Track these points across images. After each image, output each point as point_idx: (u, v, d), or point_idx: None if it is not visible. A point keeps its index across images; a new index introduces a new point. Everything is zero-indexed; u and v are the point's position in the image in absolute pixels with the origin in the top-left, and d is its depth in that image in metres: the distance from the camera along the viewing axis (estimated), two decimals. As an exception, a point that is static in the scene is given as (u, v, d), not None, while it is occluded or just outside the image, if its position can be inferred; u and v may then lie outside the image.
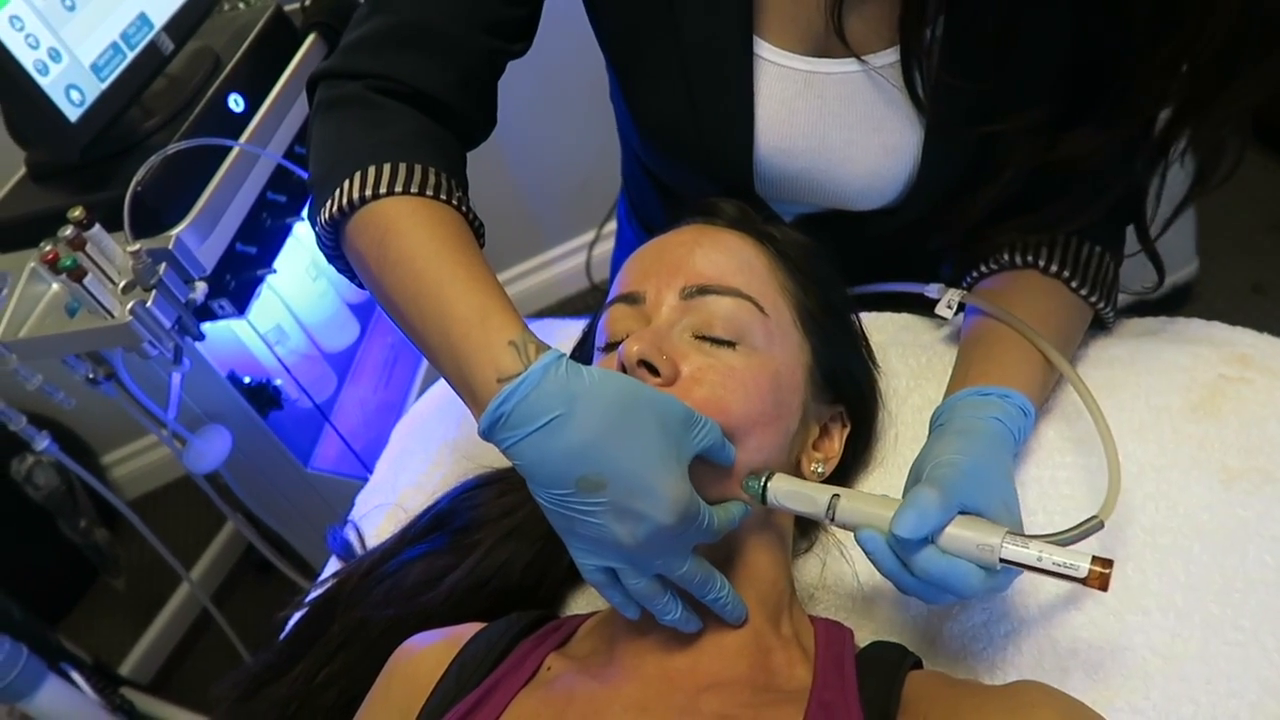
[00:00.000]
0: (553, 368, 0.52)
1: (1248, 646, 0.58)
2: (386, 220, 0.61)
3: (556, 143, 2.07)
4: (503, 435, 0.52)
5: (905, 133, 0.70)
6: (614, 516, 0.51)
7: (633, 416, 0.51)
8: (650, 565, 0.54)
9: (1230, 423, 0.67)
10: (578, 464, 0.50)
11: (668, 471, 0.51)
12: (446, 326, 0.57)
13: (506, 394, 0.51)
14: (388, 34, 0.68)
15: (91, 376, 1.17)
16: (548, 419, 0.51)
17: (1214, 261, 1.95)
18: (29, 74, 1.03)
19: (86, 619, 2.09)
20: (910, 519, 0.52)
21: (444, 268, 0.59)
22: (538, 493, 0.53)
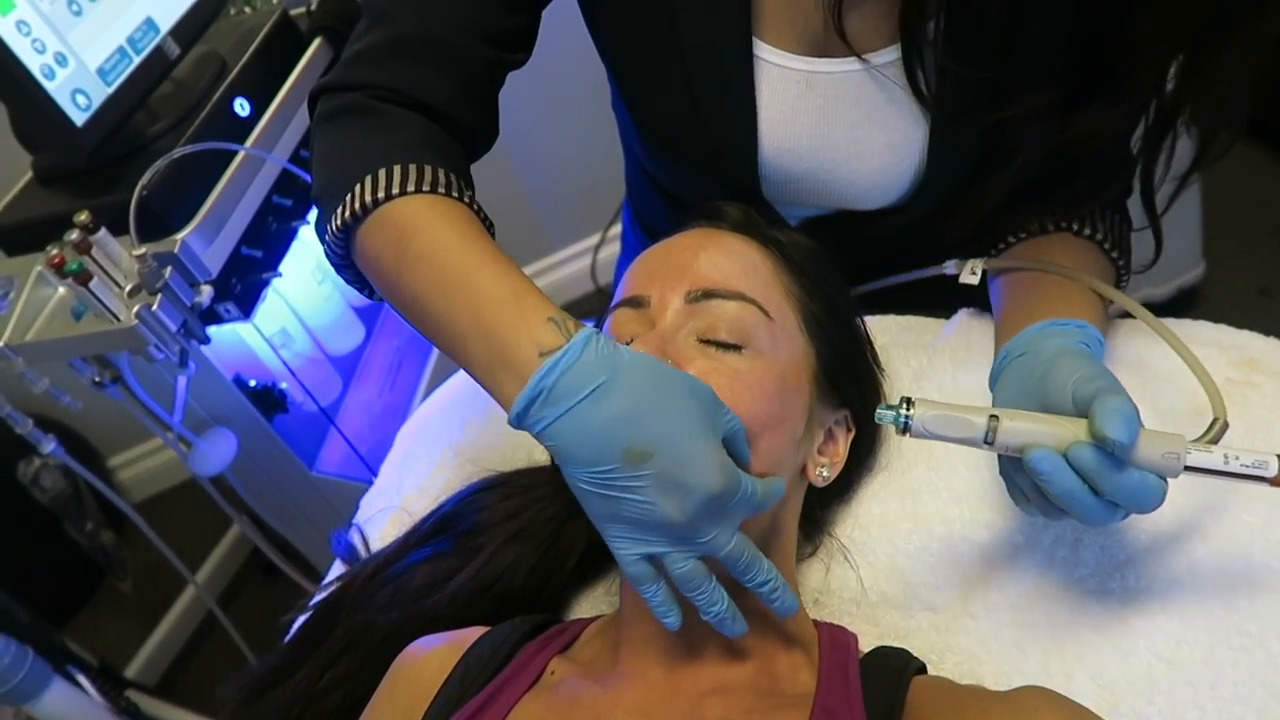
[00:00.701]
0: (594, 339, 0.52)
1: (1253, 651, 0.58)
2: (404, 219, 0.61)
3: (561, 146, 2.07)
4: (541, 414, 0.51)
5: (909, 130, 0.70)
6: (660, 489, 0.50)
7: (672, 388, 0.52)
8: (697, 541, 0.52)
9: (1237, 426, 0.67)
10: (624, 433, 0.50)
11: (709, 441, 0.51)
12: (479, 311, 0.56)
13: (550, 365, 0.51)
14: (388, 46, 0.68)
15: (98, 380, 1.18)
16: (592, 388, 0.50)
17: (1221, 265, 1.94)
18: (35, 78, 1.03)
19: (93, 621, 2.10)
20: (1120, 424, 0.48)
21: (469, 257, 0.58)
22: (577, 477, 0.51)
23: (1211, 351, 0.72)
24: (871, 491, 0.73)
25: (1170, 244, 0.73)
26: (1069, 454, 0.51)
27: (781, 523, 0.64)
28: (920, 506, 0.70)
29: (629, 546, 0.53)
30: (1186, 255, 1.85)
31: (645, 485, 0.50)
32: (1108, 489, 0.50)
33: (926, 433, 0.54)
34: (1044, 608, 0.63)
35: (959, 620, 0.65)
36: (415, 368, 1.70)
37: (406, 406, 1.63)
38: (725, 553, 0.53)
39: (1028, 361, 0.60)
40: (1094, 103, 0.63)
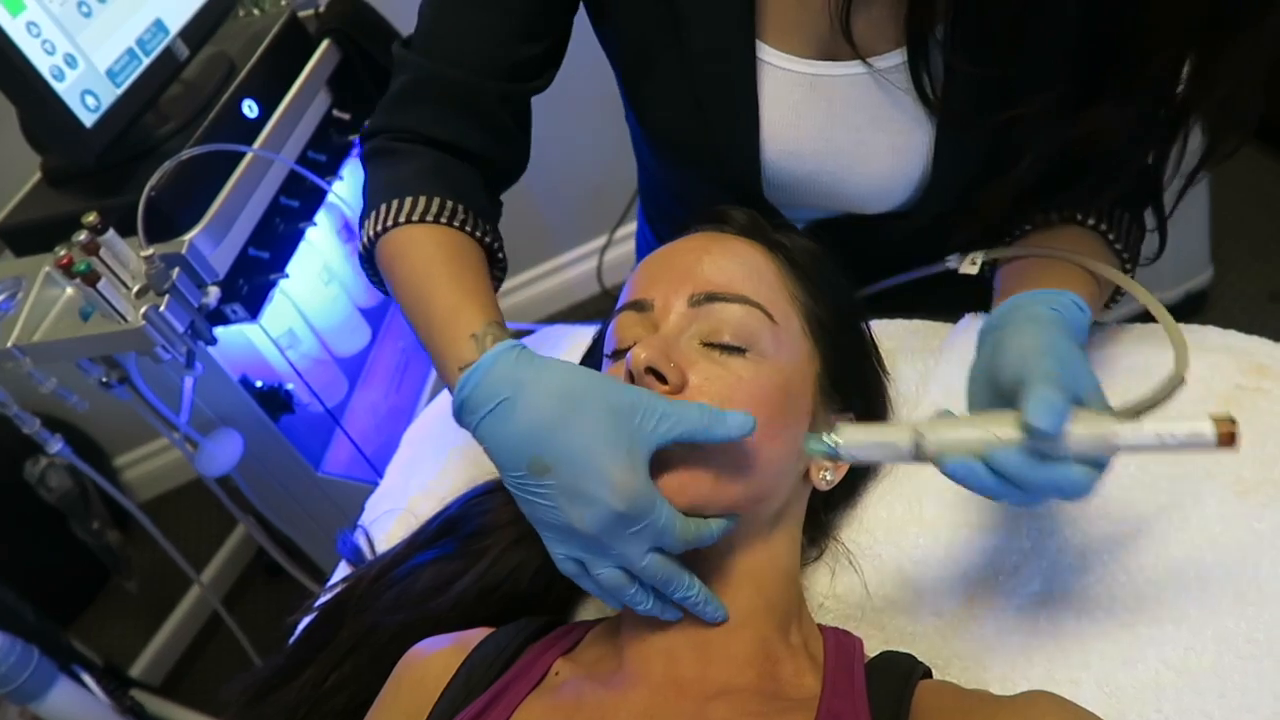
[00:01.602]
0: (503, 356, 0.56)
1: (1262, 660, 0.58)
2: (395, 248, 0.70)
3: (568, 149, 2.07)
4: (466, 421, 0.57)
5: (914, 133, 0.70)
6: (565, 499, 0.53)
7: (579, 402, 0.54)
8: (610, 555, 0.55)
9: (1245, 434, 0.65)
10: (526, 446, 0.54)
11: (614, 457, 0.52)
12: (429, 329, 0.65)
13: (464, 379, 0.56)
14: (407, 90, 0.75)
15: (105, 380, 1.18)
16: (496, 402, 0.55)
17: (1230, 270, 1.93)
18: (45, 79, 1.04)
19: (98, 620, 2.10)
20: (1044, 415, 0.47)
21: (430, 278, 0.67)
22: (504, 477, 0.56)
23: (1220, 357, 0.71)
24: (877, 495, 0.73)
25: (1179, 248, 0.73)
26: (990, 459, 0.50)
27: (787, 526, 0.64)
28: (925, 511, 0.70)
29: (556, 547, 0.57)
30: (1195, 259, 1.84)
31: (551, 493, 0.54)
32: (1030, 485, 0.49)
33: (855, 457, 0.54)
34: (1050, 614, 0.63)
35: (965, 626, 0.65)
36: (421, 369, 1.71)
37: (412, 408, 1.64)
38: (639, 569, 0.55)
39: (993, 336, 0.59)
40: (1102, 101, 0.63)
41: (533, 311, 2.42)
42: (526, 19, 0.73)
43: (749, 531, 0.61)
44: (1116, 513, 0.66)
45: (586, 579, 0.57)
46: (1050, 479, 0.49)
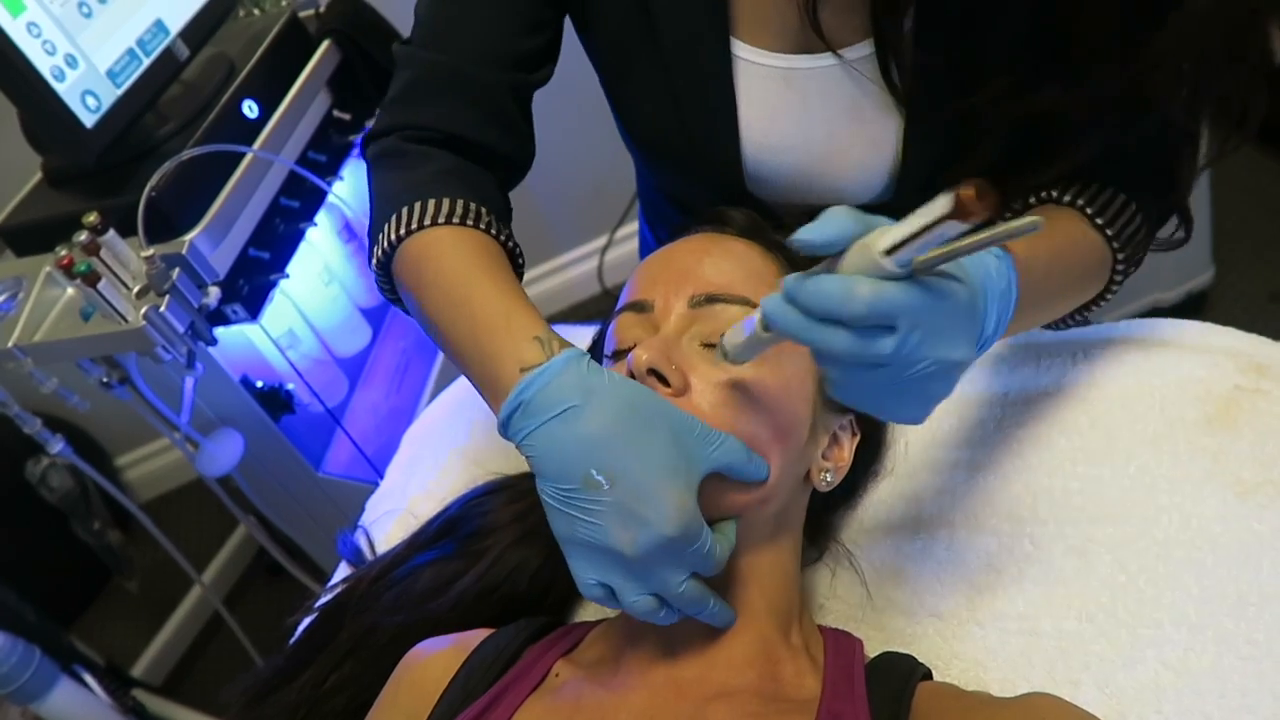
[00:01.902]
0: (574, 361, 0.54)
1: (1261, 661, 0.58)
2: (420, 250, 0.67)
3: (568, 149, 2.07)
4: (520, 425, 0.53)
5: (886, 123, 0.70)
6: (617, 519, 0.51)
7: (646, 420, 0.52)
8: (648, 580, 0.53)
9: (1245, 435, 0.67)
10: (587, 456, 0.51)
11: (674, 482, 0.51)
12: (475, 331, 0.61)
13: (528, 381, 0.53)
14: (413, 86, 0.73)
15: (105, 380, 1.18)
16: (564, 408, 0.52)
17: (1231, 270, 1.93)
18: (45, 80, 1.04)
19: (100, 620, 2.10)
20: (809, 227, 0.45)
21: (471, 280, 0.63)
22: (545, 488, 0.53)
23: (1219, 357, 0.71)
24: (877, 496, 0.73)
25: (1180, 249, 0.72)
26: (785, 288, 0.46)
27: (787, 527, 0.64)
28: (926, 512, 0.70)
29: (587, 572, 0.54)
30: (1196, 260, 1.84)
31: (604, 510, 0.51)
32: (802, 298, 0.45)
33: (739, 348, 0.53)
34: (1051, 615, 0.63)
35: (965, 627, 0.65)
36: (422, 369, 1.71)
37: (413, 408, 1.63)
38: (673, 595, 0.54)
39: None
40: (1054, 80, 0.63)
41: (533, 311, 2.41)
42: (529, 10, 0.73)
43: (750, 533, 0.61)
44: (1117, 514, 0.66)
45: (612, 602, 0.55)
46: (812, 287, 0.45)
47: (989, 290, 0.52)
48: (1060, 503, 0.67)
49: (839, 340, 0.45)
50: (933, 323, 0.44)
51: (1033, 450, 0.71)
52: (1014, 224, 0.42)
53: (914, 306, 0.44)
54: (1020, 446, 0.71)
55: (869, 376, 0.47)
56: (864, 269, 0.43)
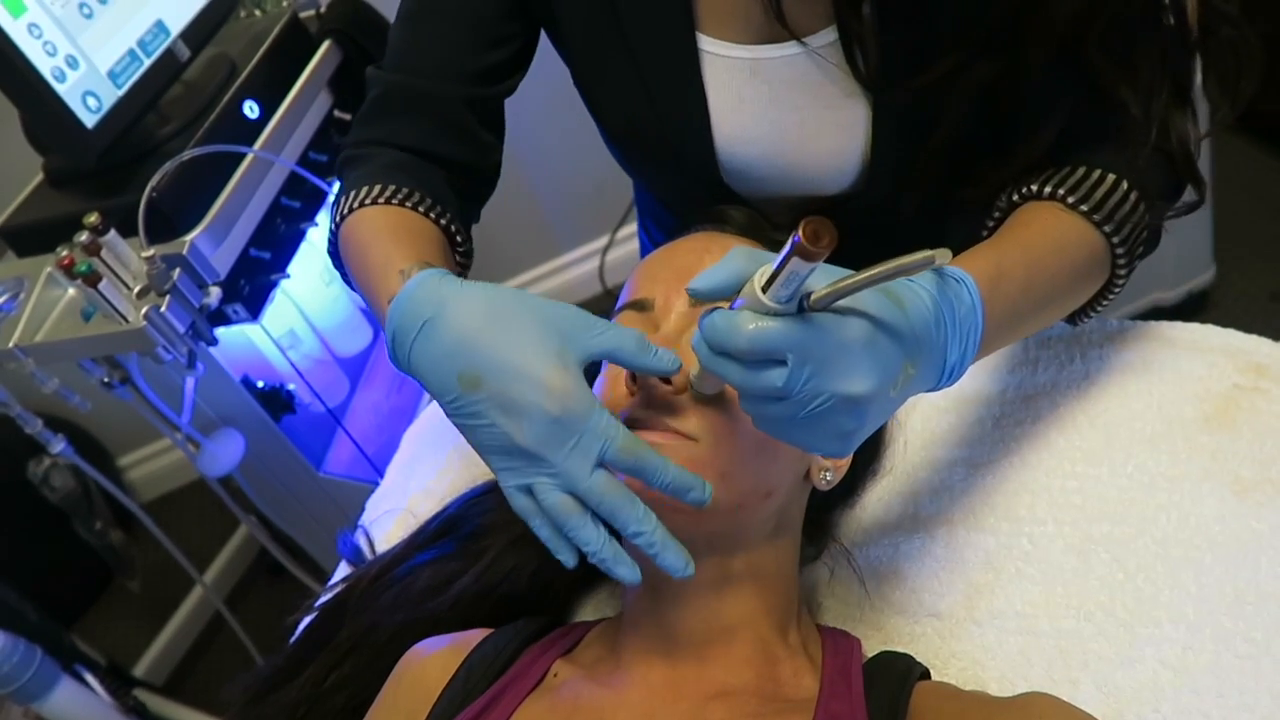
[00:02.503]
0: (425, 280, 0.55)
1: (1259, 659, 0.58)
2: (349, 228, 0.72)
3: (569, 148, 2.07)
4: (399, 354, 0.55)
5: (854, 108, 0.70)
6: (499, 412, 0.51)
7: (503, 314, 0.53)
8: (558, 475, 0.51)
9: (1244, 433, 0.67)
10: (452, 361, 0.52)
11: (543, 360, 0.51)
12: (370, 284, 0.66)
13: (390, 310, 0.56)
14: (374, 104, 0.77)
15: (107, 380, 1.18)
16: (420, 323, 0.54)
17: (1232, 269, 1.93)
18: (46, 81, 1.04)
19: (102, 620, 2.11)
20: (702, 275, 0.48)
21: (374, 244, 0.68)
22: (440, 405, 0.54)
23: (1218, 357, 0.71)
24: (876, 495, 0.73)
25: (1181, 248, 0.72)
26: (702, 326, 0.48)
27: (786, 526, 0.64)
28: (924, 511, 0.70)
29: (506, 478, 0.53)
30: (1197, 259, 1.83)
31: (485, 408, 0.51)
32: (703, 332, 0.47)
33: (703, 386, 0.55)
34: (1049, 614, 0.63)
35: (963, 626, 0.65)
36: (423, 369, 1.70)
37: (414, 408, 1.64)
38: (584, 488, 0.51)
39: None
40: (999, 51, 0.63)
41: (535, 311, 2.41)
42: (489, 26, 0.75)
43: (748, 532, 0.61)
44: (1115, 513, 0.66)
45: (537, 518, 0.53)
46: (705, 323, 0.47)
47: (943, 317, 0.51)
48: (1059, 501, 0.67)
49: (732, 372, 0.47)
50: (824, 357, 0.45)
51: (1031, 449, 0.71)
52: (906, 260, 0.43)
53: (800, 341, 0.45)
54: (1018, 445, 0.71)
55: (774, 410, 0.47)
56: (753, 306, 0.45)
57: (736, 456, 0.57)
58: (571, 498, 0.52)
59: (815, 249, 0.40)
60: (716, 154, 0.74)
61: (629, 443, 0.51)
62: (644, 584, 0.62)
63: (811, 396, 0.46)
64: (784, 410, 0.47)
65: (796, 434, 0.48)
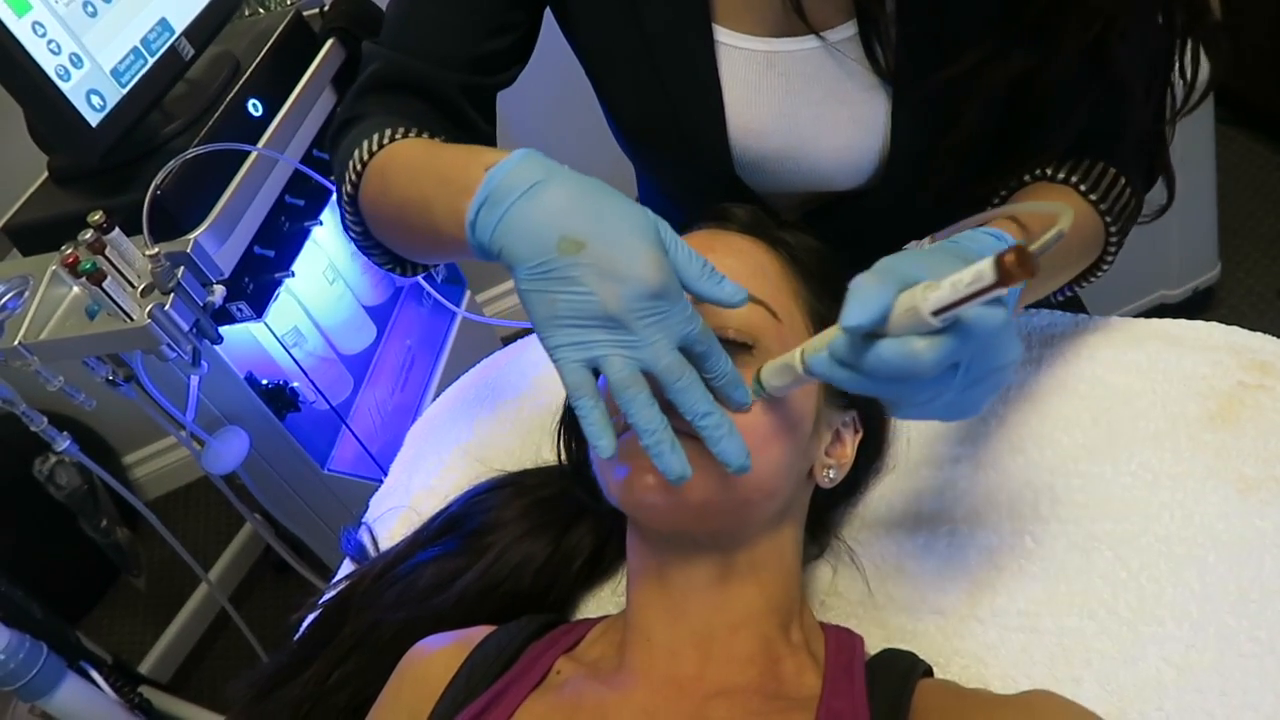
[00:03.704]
0: (533, 153, 0.55)
1: (1264, 658, 0.57)
2: (380, 162, 0.69)
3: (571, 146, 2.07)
4: (488, 218, 0.53)
5: (872, 103, 0.70)
6: (596, 276, 0.50)
7: (608, 194, 0.53)
8: (637, 346, 0.51)
9: (1248, 431, 0.66)
10: (558, 223, 0.51)
11: (646, 240, 0.51)
12: (442, 174, 0.61)
13: (490, 174, 0.54)
14: (371, 81, 0.76)
15: (111, 378, 1.19)
16: (528, 185, 0.52)
17: (1238, 267, 1.92)
18: (51, 79, 1.04)
19: (108, 617, 2.12)
20: (853, 309, 0.47)
21: (433, 150, 0.66)
22: (520, 277, 0.52)
23: (1223, 355, 0.71)
24: (879, 493, 0.73)
25: (1186, 245, 0.73)
26: (830, 349, 0.49)
27: (788, 523, 0.64)
28: (927, 508, 0.70)
29: (570, 353, 0.52)
30: (1202, 257, 1.83)
31: (581, 274, 0.50)
32: (865, 367, 0.48)
33: (777, 388, 0.55)
34: (1052, 612, 0.63)
35: (966, 624, 0.65)
36: (426, 367, 1.71)
37: (418, 405, 1.64)
38: (664, 364, 0.51)
39: None
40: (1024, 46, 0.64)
41: (538, 309, 2.41)
42: (491, 14, 0.74)
43: (752, 529, 0.61)
44: (1118, 511, 0.66)
45: (591, 399, 0.52)
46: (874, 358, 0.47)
47: None
48: (1062, 499, 0.67)
49: (906, 392, 0.48)
50: (986, 346, 0.46)
51: (1034, 447, 0.71)
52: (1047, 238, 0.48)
53: (970, 345, 0.46)
54: (1022, 443, 0.71)
55: (934, 405, 0.49)
56: (912, 329, 0.46)
57: None
58: (640, 375, 0.51)
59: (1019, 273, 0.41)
60: (730, 147, 0.74)
61: (706, 331, 0.53)
62: (647, 581, 0.62)
63: (976, 381, 0.47)
64: (944, 400, 0.48)
65: (950, 412, 0.50)
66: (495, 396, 0.93)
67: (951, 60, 0.64)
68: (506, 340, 1.07)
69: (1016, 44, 0.64)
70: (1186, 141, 1.57)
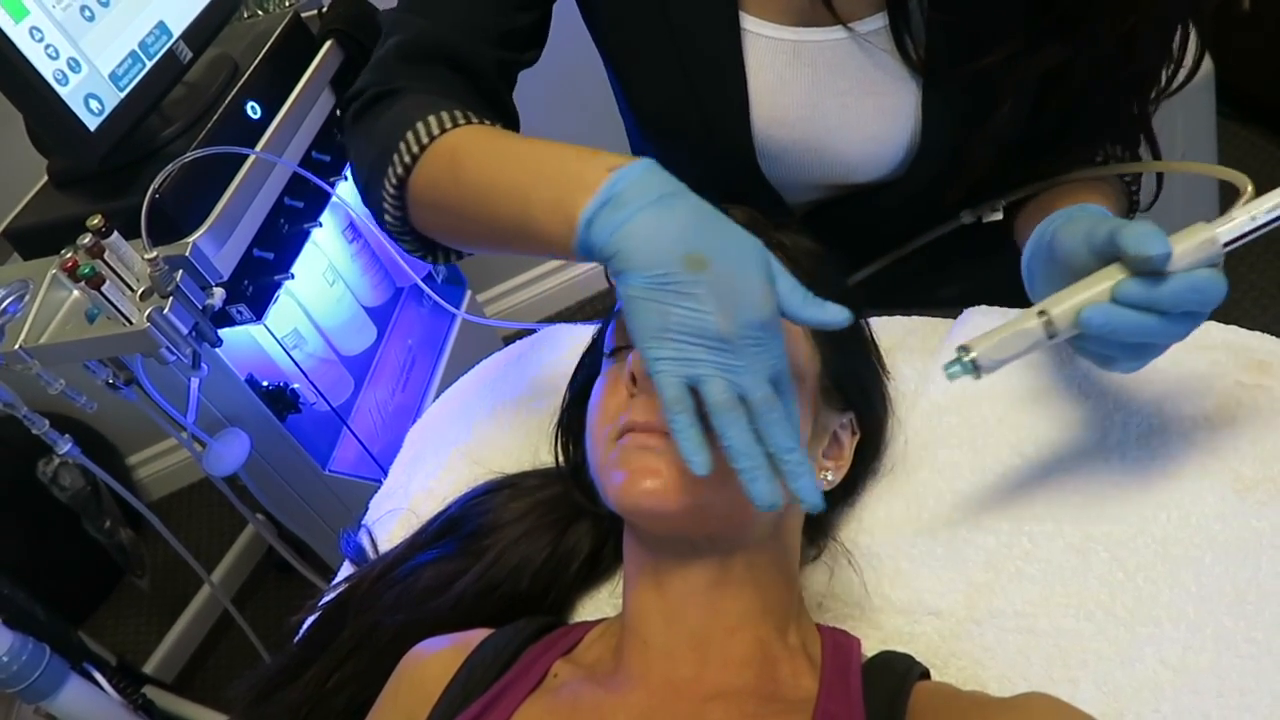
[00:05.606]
0: (657, 164, 0.54)
1: (1260, 659, 0.57)
2: (449, 145, 0.65)
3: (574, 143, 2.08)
4: (609, 219, 0.52)
5: (900, 95, 0.70)
6: (714, 297, 0.50)
7: (726, 219, 0.53)
8: (736, 371, 0.51)
9: (1245, 431, 0.66)
10: (686, 238, 0.51)
11: (762, 268, 0.52)
12: (543, 166, 0.59)
13: (621, 174, 0.53)
14: (400, 51, 0.72)
15: (112, 381, 1.19)
16: (660, 195, 0.52)
17: (1241, 261, 1.92)
18: (49, 84, 1.05)
19: (113, 618, 2.12)
20: (1154, 242, 0.50)
21: (522, 141, 0.63)
22: (634, 284, 0.51)
23: (1220, 354, 0.71)
24: (876, 495, 0.72)
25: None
26: (1116, 294, 0.52)
27: (786, 526, 0.64)
28: (925, 510, 0.70)
29: (673, 367, 0.51)
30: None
31: (700, 292, 0.50)
32: (1166, 303, 0.51)
33: (996, 364, 0.55)
34: (1049, 613, 0.63)
35: (963, 626, 0.65)
36: (427, 367, 1.71)
37: (418, 406, 1.64)
38: (758, 395, 0.51)
39: (1040, 255, 0.61)
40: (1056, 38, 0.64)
41: (540, 310, 2.42)
42: None
43: (749, 532, 0.61)
44: (1115, 512, 0.65)
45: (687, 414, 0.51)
46: (1184, 285, 0.51)
47: None
48: (1058, 500, 0.67)
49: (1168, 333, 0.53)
50: None
51: (1032, 448, 0.70)
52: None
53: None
54: (1019, 444, 0.71)
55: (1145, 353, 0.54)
56: (1203, 261, 0.51)
57: None
58: (738, 398, 0.51)
59: None
60: (753, 135, 0.74)
61: (788, 372, 0.53)
62: (644, 584, 0.63)
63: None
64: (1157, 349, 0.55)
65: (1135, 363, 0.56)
66: (494, 398, 0.93)
67: (984, 51, 0.64)
68: (507, 341, 1.07)
69: (1049, 34, 0.64)
70: (1188, 136, 1.57)
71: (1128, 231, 0.51)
